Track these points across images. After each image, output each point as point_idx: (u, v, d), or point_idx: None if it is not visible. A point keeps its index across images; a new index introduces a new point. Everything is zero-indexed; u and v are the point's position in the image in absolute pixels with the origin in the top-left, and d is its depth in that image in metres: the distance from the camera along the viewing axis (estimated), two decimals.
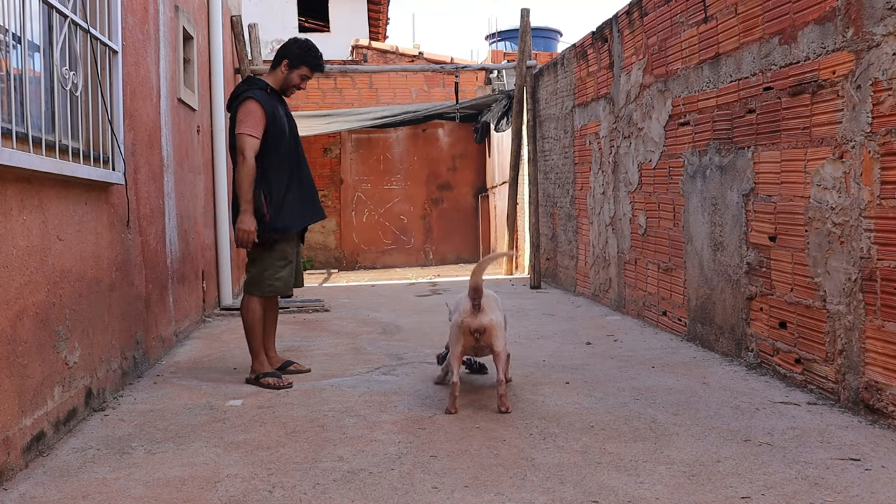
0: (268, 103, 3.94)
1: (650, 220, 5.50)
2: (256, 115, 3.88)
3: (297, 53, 4.04)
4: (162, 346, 4.78)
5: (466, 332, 3.33)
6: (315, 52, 4.09)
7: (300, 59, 4.04)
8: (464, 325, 3.32)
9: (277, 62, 4.08)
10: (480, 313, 3.31)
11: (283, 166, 3.96)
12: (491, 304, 3.40)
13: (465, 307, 3.35)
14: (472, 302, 3.32)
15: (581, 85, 7.03)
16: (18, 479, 2.67)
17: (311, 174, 4.18)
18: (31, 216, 2.91)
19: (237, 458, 2.88)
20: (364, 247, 12.55)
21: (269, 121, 3.91)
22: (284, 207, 3.95)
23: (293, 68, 4.05)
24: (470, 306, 3.33)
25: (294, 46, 4.06)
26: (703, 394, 3.63)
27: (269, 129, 3.91)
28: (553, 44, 17.48)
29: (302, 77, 4.08)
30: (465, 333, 3.33)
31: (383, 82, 12.03)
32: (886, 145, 3.01)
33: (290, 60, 4.04)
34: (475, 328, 3.31)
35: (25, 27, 2.86)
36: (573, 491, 2.49)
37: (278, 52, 4.09)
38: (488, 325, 3.32)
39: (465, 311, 3.34)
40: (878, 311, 3.08)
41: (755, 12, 3.97)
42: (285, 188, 3.96)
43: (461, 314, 3.35)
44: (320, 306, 6.82)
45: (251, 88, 3.98)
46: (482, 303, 3.34)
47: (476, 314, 3.31)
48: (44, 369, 2.97)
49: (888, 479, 2.52)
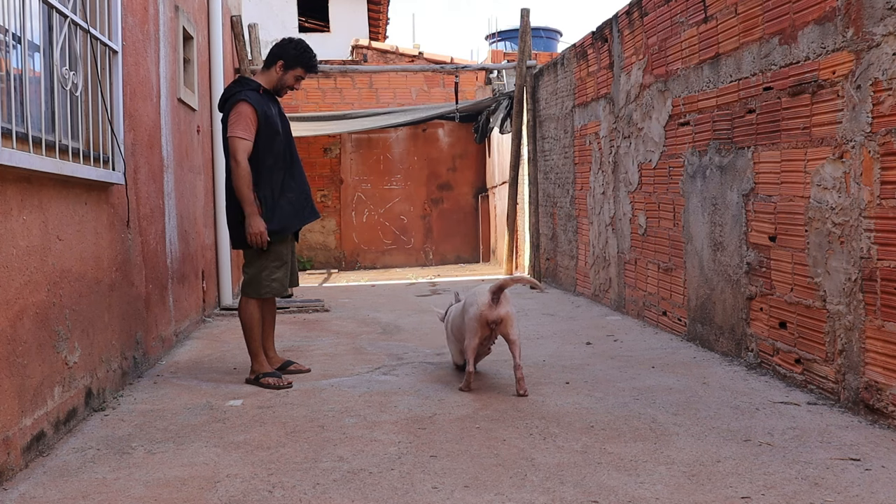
0: (260, 104, 3.91)
1: (650, 220, 5.50)
2: (249, 117, 3.86)
3: (293, 54, 4.03)
4: (162, 346, 4.78)
5: (484, 324, 3.64)
6: (310, 52, 4.09)
7: (296, 59, 4.03)
8: (482, 316, 3.63)
9: (272, 62, 4.06)
10: (498, 306, 3.64)
11: (276, 167, 3.96)
12: (506, 297, 3.71)
13: (483, 300, 3.64)
14: (491, 296, 3.63)
15: (581, 85, 7.03)
16: (18, 479, 2.67)
17: (304, 173, 4.17)
18: (31, 216, 2.91)
19: (237, 458, 2.88)
20: (364, 247, 12.54)
21: (262, 122, 3.89)
22: (278, 209, 3.96)
23: (288, 69, 4.04)
24: (489, 300, 3.64)
25: (290, 47, 4.04)
26: (703, 394, 3.63)
27: (262, 130, 3.90)
28: (553, 44, 17.48)
29: (296, 78, 4.07)
30: (482, 325, 3.64)
31: (383, 82, 12.03)
32: (886, 145, 3.01)
33: (286, 61, 4.03)
34: (493, 319, 3.63)
35: (25, 27, 2.86)
36: (573, 491, 2.49)
37: (272, 52, 4.07)
38: (505, 315, 3.64)
39: (484, 304, 3.64)
40: (878, 311, 3.08)
41: (755, 12, 3.97)
42: (280, 189, 3.97)
43: (479, 306, 3.64)
44: (320, 306, 6.82)
45: (243, 90, 3.95)
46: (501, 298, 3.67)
47: (494, 307, 3.63)
48: (44, 369, 2.97)
49: (888, 479, 2.52)
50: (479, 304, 3.63)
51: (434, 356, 4.66)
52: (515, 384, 3.66)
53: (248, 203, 3.86)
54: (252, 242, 3.91)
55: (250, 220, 3.87)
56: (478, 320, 3.62)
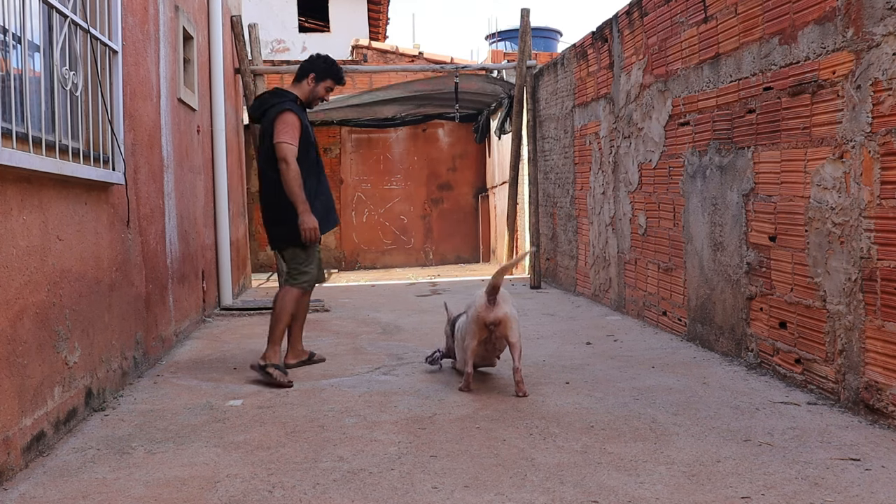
0: (301, 115, 4.21)
1: (650, 220, 5.50)
2: (295, 126, 4.14)
3: (322, 67, 4.35)
4: (162, 346, 4.78)
5: (482, 325, 3.55)
6: (338, 66, 4.44)
7: (326, 72, 4.35)
8: (479, 318, 3.55)
9: (303, 75, 4.36)
10: (496, 307, 3.54)
11: (311, 174, 4.25)
12: (506, 298, 3.61)
13: (480, 302, 3.57)
14: (487, 297, 3.54)
15: (581, 85, 7.03)
16: (18, 479, 2.67)
17: (328, 182, 4.49)
18: (31, 216, 2.91)
19: (237, 458, 2.89)
20: (364, 247, 12.54)
21: (303, 131, 4.19)
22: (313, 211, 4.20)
23: (319, 81, 4.35)
24: (486, 301, 3.55)
25: (319, 61, 4.38)
26: (703, 394, 3.63)
27: (302, 138, 4.18)
28: (553, 44, 17.47)
29: (327, 89, 4.39)
30: (480, 327, 3.56)
31: (383, 82, 11.99)
32: (886, 145, 3.01)
33: (317, 73, 4.34)
34: (491, 321, 3.54)
35: (25, 27, 2.86)
36: (573, 491, 2.49)
37: (303, 66, 4.39)
38: (503, 317, 3.54)
39: (481, 306, 3.56)
40: (878, 311, 3.08)
41: (755, 12, 3.97)
42: (314, 194, 4.24)
43: (477, 308, 3.57)
44: (320, 306, 6.82)
45: (285, 100, 4.23)
46: (497, 298, 3.55)
47: (492, 308, 3.54)
48: (44, 369, 2.97)
49: (888, 479, 2.52)
50: (477, 305, 3.59)
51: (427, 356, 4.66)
52: (515, 387, 3.65)
53: (300, 201, 4.10)
54: (306, 238, 4.15)
55: (304, 217, 4.11)
56: (476, 322, 3.58)
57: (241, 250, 8.29)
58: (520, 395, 3.61)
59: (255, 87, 8.01)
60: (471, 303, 3.73)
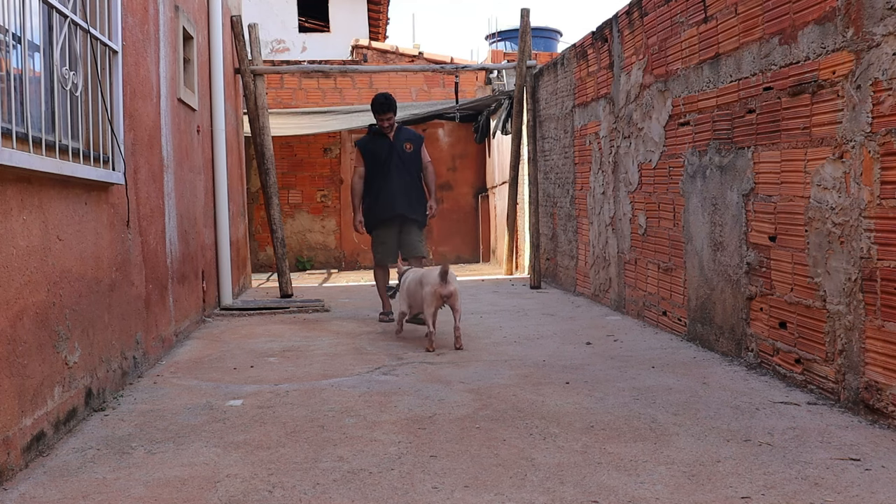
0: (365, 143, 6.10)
1: (650, 220, 5.50)
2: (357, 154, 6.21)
3: (373, 108, 6.00)
4: (162, 346, 4.78)
5: (438, 297, 4.86)
6: (374, 101, 6.00)
7: (373, 109, 5.99)
8: (436, 292, 4.86)
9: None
10: (448, 284, 4.86)
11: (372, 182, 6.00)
12: (453, 278, 4.93)
13: (435, 280, 4.85)
14: (441, 278, 4.85)
15: (581, 85, 7.03)
16: (18, 479, 2.67)
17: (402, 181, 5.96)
18: (31, 216, 2.91)
19: (237, 458, 2.89)
20: (364, 247, 12.49)
21: (368, 155, 6.04)
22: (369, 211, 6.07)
23: (375, 115, 6.00)
24: (440, 280, 4.85)
25: (373, 101, 6.01)
26: (703, 394, 3.63)
27: (367, 158, 6.04)
28: (553, 44, 17.47)
29: (379, 119, 5.96)
30: (437, 298, 4.87)
31: (383, 82, 12.01)
32: (886, 145, 3.01)
33: (373, 111, 6.03)
34: (444, 294, 4.85)
35: (25, 27, 2.86)
36: (573, 491, 2.49)
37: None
38: (454, 291, 4.88)
39: (437, 284, 4.85)
40: (878, 311, 3.08)
41: (755, 12, 3.97)
42: (372, 197, 6.02)
43: (433, 285, 4.86)
44: (320, 306, 6.82)
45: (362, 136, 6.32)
46: (448, 278, 4.86)
47: (444, 285, 4.85)
48: (44, 369, 2.97)
49: (888, 479, 2.52)
50: (433, 283, 4.85)
51: (434, 356, 4.66)
52: (454, 340, 4.87)
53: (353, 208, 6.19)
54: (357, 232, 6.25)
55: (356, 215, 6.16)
56: (433, 295, 4.86)
57: (241, 250, 8.29)
58: (457, 347, 4.83)
59: (255, 87, 8.01)
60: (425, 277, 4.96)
